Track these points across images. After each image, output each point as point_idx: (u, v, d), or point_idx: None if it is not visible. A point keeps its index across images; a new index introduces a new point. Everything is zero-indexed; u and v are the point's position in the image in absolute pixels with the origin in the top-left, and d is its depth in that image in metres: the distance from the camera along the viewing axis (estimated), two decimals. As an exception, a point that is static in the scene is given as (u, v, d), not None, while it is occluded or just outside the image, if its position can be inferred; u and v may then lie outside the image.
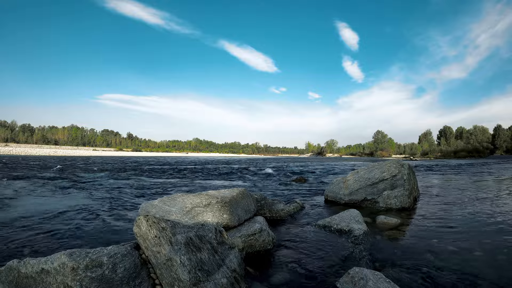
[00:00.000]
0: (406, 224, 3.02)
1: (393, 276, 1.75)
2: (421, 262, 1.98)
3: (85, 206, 3.83)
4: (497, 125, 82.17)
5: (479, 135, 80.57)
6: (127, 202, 4.22)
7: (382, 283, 1.48)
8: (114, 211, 3.56)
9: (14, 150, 41.73)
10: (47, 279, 1.22)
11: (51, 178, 7.55)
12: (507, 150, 73.94)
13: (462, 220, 3.08)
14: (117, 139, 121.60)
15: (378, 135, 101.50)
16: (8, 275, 1.31)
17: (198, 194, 2.46)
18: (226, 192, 2.63)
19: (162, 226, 1.41)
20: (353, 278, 1.55)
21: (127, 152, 77.97)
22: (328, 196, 4.42)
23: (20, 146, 69.10)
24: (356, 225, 2.66)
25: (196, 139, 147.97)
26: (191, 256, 1.37)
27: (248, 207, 2.72)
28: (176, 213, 2.33)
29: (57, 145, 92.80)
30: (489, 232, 2.64)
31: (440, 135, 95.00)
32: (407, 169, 4.10)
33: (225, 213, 2.30)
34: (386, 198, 3.84)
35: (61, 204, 3.95)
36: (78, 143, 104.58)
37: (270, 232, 2.29)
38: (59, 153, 45.95)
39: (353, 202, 4.06)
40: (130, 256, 1.34)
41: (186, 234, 1.47)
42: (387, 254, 2.15)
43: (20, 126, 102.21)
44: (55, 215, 3.28)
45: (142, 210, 2.49)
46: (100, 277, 1.19)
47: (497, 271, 1.83)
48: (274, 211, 3.27)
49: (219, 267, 1.50)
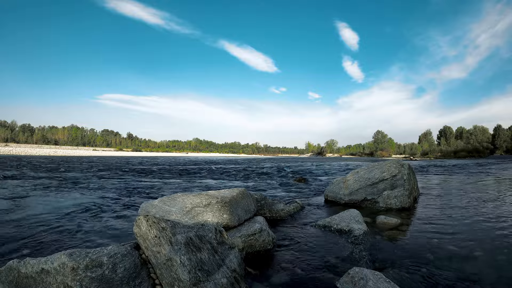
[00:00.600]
0: (406, 224, 3.02)
1: (393, 276, 1.75)
2: (421, 262, 1.98)
3: (84, 206, 3.82)
4: (497, 125, 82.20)
5: (479, 135, 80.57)
6: (127, 202, 4.22)
7: (382, 283, 1.48)
8: (114, 211, 3.56)
9: (14, 150, 41.70)
10: (47, 279, 1.22)
11: (51, 178, 7.55)
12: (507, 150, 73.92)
13: (462, 220, 3.08)
14: (117, 139, 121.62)
15: (378, 135, 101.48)
16: (8, 275, 1.31)
17: (198, 194, 2.46)
18: (226, 192, 2.63)
19: (162, 226, 1.41)
20: (353, 278, 1.55)
21: (127, 152, 77.93)
22: (328, 196, 4.42)
23: (20, 146, 69.07)
24: (356, 225, 2.66)
25: (196, 139, 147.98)
26: (191, 256, 1.37)
27: (248, 207, 2.71)
28: (176, 213, 2.33)
29: (57, 145, 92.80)
30: (489, 232, 2.64)
31: (440, 135, 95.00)
32: (407, 169, 4.10)
33: (225, 213, 2.30)
34: (386, 198, 3.84)
35: (60, 204, 3.95)
36: (78, 143, 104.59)
37: (270, 232, 2.29)
38: (59, 153, 45.94)
39: (353, 202, 4.06)
40: (130, 256, 1.34)
41: (186, 234, 1.47)
42: (387, 254, 2.15)
43: (20, 126, 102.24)
44: (54, 215, 3.28)
45: (142, 210, 2.49)
46: (100, 277, 1.19)
47: (497, 271, 1.83)
48: (274, 211, 3.27)
49: (219, 267, 1.50)
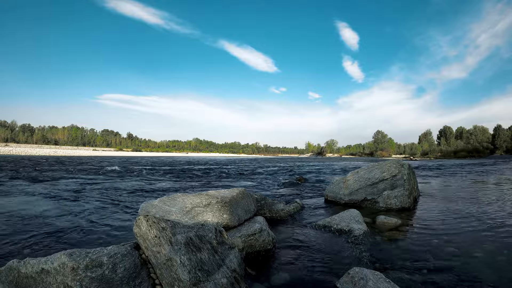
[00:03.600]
0: (406, 224, 3.02)
1: (393, 276, 1.75)
2: (421, 262, 1.99)
3: (84, 206, 3.82)
4: (497, 125, 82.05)
5: (479, 135, 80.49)
6: (127, 202, 4.22)
7: (382, 283, 1.48)
8: (114, 211, 3.56)
9: (14, 150, 41.67)
10: (47, 279, 1.22)
11: (50, 177, 7.55)
12: (507, 150, 73.80)
13: (462, 221, 3.08)
14: (117, 139, 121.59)
15: (378, 135, 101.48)
16: (8, 275, 1.31)
17: (198, 194, 2.46)
18: (226, 192, 2.63)
19: (162, 226, 1.41)
20: (353, 278, 1.55)
21: (127, 152, 77.91)
22: (328, 196, 4.42)
23: (20, 146, 69.03)
24: (356, 225, 2.66)
25: (196, 139, 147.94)
26: (191, 256, 1.37)
27: (248, 207, 2.72)
28: (176, 213, 2.33)
29: (57, 145, 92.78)
30: (489, 233, 2.64)
31: (440, 135, 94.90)
32: (407, 169, 4.10)
33: (225, 213, 2.30)
34: (386, 198, 3.84)
35: (60, 204, 3.95)
36: (78, 143, 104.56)
37: (270, 232, 2.29)
38: (59, 153, 45.91)
39: (353, 202, 4.06)
40: (130, 256, 1.34)
41: (186, 234, 1.47)
42: (387, 254, 2.15)
43: (20, 126, 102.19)
44: (54, 215, 3.28)
45: (142, 210, 2.49)
46: (100, 277, 1.19)
47: (497, 272, 1.83)
48: (274, 211, 3.27)
49: (219, 267, 1.50)
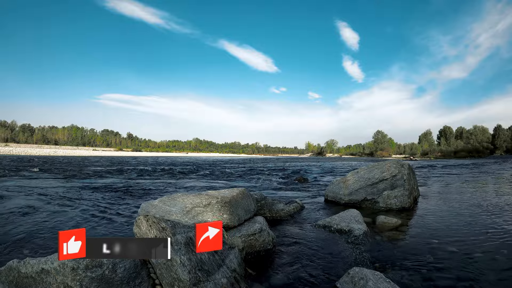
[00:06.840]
0: (406, 224, 3.02)
1: (393, 276, 1.75)
2: (421, 262, 1.99)
3: (84, 206, 3.83)
4: (497, 125, 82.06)
5: (479, 135, 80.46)
6: (127, 202, 4.22)
7: (382, 283, 1.48)
8: (114, 211, 3.56)
9: (14, 150, 41.72)
10: (47, 279, 1.22)
11: (50, 178, 7.55)
12: (507, 150, 73.83)
13: (462, 221, 3.08)
14: (117, 139, 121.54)
15: (378, 135, 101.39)
16: (8, 275, 1.31)
17: (198, 194, 2.46)
18: (226, 192, 2.62)
19: (162, 226, 1.41)
20: (353, 278, 1.55)
21: (127, 152, 77.86)
22: (328, 196, 4.42)
23: (20, 146, 69.01)
24: (356, 225, 2.66)
25: (196, 139, 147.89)
26: (191, 256, 1.37)
27: (248, 207, 2.71)
28: (176, 213, 2.33)
29: (57, 145, 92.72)
30: (489, 233, 2.64)
31: (440, 135, 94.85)
32: (407, 169, 4.10)
33: (225, 213, 2.30)
34: (386, 198, 3.84)
35: (60, 204, 3.95)
36: (78, 143, 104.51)
37: (270, 232, 2.29)
38: (59, 153, 45.92)
39: (353, 202, 4.06)
40: (130, 256, 1.34)
41: (186, 234, 1.47)
42: (387, 255, 2.16)
43: (20, 126, 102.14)
44: (54, 215, 3.28)
45: (142, 210, 2.49)
46: (100, 277, 1.19)
47: (496, 272, 1.83)
48: (274, 211, 3.27)
49: (219, 267, 1.50)
